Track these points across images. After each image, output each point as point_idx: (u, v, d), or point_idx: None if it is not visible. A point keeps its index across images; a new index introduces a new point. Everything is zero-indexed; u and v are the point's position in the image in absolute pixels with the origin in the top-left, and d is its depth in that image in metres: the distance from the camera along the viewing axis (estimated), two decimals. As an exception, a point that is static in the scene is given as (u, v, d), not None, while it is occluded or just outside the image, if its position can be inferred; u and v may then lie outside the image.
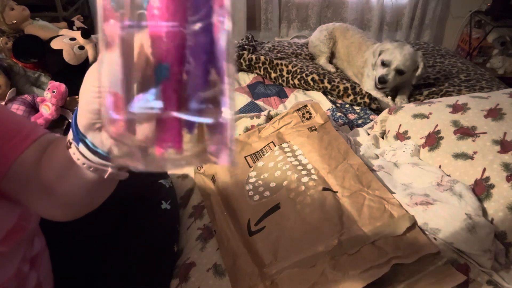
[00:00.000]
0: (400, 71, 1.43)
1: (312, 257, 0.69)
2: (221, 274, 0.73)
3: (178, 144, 0.26)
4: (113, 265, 0.72)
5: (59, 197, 0.44)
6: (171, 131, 0.26)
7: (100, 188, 0.43)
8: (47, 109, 1.29)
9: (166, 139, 0.26)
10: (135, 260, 0.72)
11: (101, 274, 0.71)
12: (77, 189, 0.41)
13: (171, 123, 0.25)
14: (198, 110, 0.25)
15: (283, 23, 2.75)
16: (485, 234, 0.71)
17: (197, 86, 0.25)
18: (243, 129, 1.12)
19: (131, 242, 0.74)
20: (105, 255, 0.72)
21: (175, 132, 0.26)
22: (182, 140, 0.26)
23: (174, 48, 0.24)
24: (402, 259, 0.66)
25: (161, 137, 0.26)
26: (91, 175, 0.38)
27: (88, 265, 0.72)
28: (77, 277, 0.70)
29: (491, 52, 2.69)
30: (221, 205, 0.86)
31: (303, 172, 0.86)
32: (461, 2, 2.72)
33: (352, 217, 0.75)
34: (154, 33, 0.25)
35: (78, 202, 0.45)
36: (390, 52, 1.44)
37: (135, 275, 0.71)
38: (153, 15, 0.24)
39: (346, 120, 1.33)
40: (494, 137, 0.86)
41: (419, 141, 0.98)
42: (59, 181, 0.42)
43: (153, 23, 0.24)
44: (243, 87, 1.61)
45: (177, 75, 0.25)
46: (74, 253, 0.70)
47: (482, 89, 1.49)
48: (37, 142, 0.46)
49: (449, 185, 0.82)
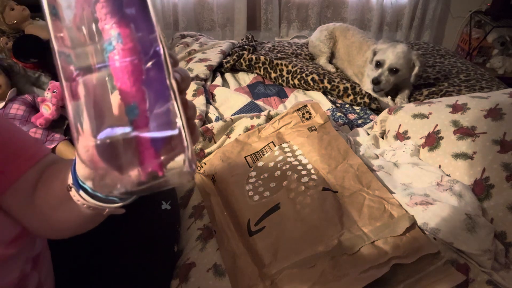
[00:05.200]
0: (394, 70, 1.43)
1: (312, 257, 0.69)
2: (221, 274, 0.73)
3: (159, 166, 0.27)
4: (113, 265, 0.72)
5: (52, 222, 0.44)
6: (147, 152, 0.27)
7: (96, 219, 0.44)
8: (47, 109, 1.29)
9: (146, 161, 0.27)
10: (135, 260, 0.72)
11: (101, 274, 0.71)
12: (71, 220, 0.42)
13: (146, 145, 0.27)
14: (157, 126, 0.26)
15: (283, 23, 2.75)
16: (485, 234, 0.71)
17: (154, 107, 0.27)
18: (243, 129, 1.12)
19: (131, 242, 0.74)
20: (105, 255, 0.72)
21: (151, 153, 0.27)
22: (160, 159, 0.27)
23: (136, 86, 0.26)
24: (402, 259, 0.66)
25: (141, 161, 0.27)
26: (89, 211, 0.38)
27: (88, 265, 0.72)
28: (78, 277, 0.70)
29: (491, 52, 2.69)
30: (221, 205, 0.86)
31: (303, 172, 0.86)
32: (461, 2, 2.72)
33: (352, 217, 0.75)
34: (115, 70, 0.26)
35: (72, 229, 0.45)
36: (383, 52, 1.45)
37: (135, 275, 0.71)
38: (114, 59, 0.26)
39: (346, 120, 1.33)
40: (494, 137, 0.86)
41: (419, 141, 0.98)
42: (54, 211, 0.42)
43: (115, 63, 0.26)
44: (243, 87, 1.61)
45: (145, 111, 0.26)
46: (75, 252, 0.70)
47: (482, 89, 1.49)
48: (40, 162, 0.46)
49: (449, 185, 0.82)
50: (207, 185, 0.94)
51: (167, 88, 0.27)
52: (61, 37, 0.26)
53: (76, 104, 0.27)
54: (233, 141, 1.04)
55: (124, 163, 0.27)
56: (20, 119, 1.27)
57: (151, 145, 0.27)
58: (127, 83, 0.26)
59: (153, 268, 0.73)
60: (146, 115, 0.26)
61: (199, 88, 1.42)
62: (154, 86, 0.26)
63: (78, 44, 0.26)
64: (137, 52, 0.26)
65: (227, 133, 1.13)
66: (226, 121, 1.14)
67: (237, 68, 1.76)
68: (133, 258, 0.72)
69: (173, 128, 0.27)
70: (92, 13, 0.26)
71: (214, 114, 1.29)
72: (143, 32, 0.26)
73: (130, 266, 0.71)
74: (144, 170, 0.27)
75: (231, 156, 0.98)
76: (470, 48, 2.65)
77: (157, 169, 0.27)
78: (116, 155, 0.27)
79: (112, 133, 0.26)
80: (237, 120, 1.16)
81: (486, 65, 2.68)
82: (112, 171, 0.27)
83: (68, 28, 0.26)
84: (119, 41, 0.26)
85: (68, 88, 0.27)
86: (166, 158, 0.27)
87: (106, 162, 0.27)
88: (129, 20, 0.26)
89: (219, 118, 1.25)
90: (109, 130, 0.26)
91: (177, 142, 0.27)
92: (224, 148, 1.03)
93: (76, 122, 0.27)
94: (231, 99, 1.40)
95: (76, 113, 0.27)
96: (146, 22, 0.26)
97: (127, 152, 0.26)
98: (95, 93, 0.27)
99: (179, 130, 0.27)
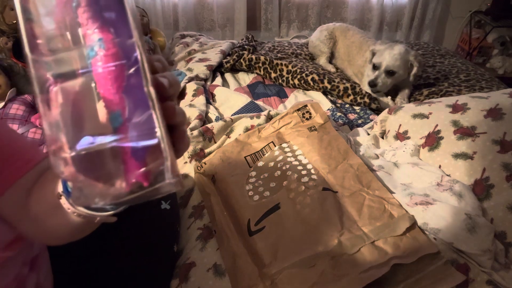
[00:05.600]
0: (391, 72, 1.43)
1: (312, 257, 0.69)
2: (221, 274, 0.73)
3: (143, 176, 0.26)
4: (113, 265, 0.72)
5: (47, 229, 0.44)
6: (131, 162, 0.26)
7: (89, 227, 0.44)
8: (47, 109, 1.29)
9: (130, 171, 0.26)
10: (135, 260, 0.72)
11: (100, 274, 0.71)
12: (64, 227, 0.41)
13: (129, 154, 0.26)
14: (137, 136, 0.26)
15: (283, 23, 2.75)
16: (485, 234, 0.71)
17: (133, 116, 0.26)
18: (243, 129, 1.12)
19: (131, 242, 0.74)
20: (105, 255, 0.72)
21: (135, 163, 0.26)
22: (144, 169, 0.26)
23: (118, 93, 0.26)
24: (402, 259, 0.66)
25: (125, 171, 0.26)
26: (79, 219, 0.38)
27: (88, 265, 0.72)
28: (77, 277, 0.70)
29: (491, 52, 2.69)
30: (221, 205, 0.86)
31: (303, 172, 0.86)
32: (461, 2, 2.72)
33: (352, 217, 0.75)
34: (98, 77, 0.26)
35: (66, 236, 0.45)
36: (380, 54, 1.45)
37: (135, 275, 0.71)
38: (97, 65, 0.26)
39: (346, 120, 1.33)
40: (494, 137, 0.86)
41: (419, 141, 0.98)
42: (48, 217, 0.42)
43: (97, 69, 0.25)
44: (243, 87, 1.61)
45: (129, 119, 0.26)
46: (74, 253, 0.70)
47: (482, 89, 1.49)
48: (36, 167, 0.46)
49: (449, 185, 0.82)
50: (207, 185, 0.94)
51: (146, 94, 0.26)
52: (38, 43, 0.25)
53: (52, 114, 0.26)
54: (233, 141, 1.04)
55: (107, 173, 0.26)
56: (20, 119, 1.27)
57: (133, 154, 0.26)
58: (110, 90, 0.25)
59: (153, 268, 0.73)
60: (129, 124, 0.25)
61: (199, 88, 1.42)
62: (134, 94, 0.26)
63: (58, 49, 0.25)
64: (120, 58, 0.25)
65: (227, 133, 1.13)
66: (226, 121, 1.14)
67: (237, 68, 1.75)
68: (133, 258, 0.72)
69: (153, 137, 0.26)
70: (74, 17, 0.25)
71: (214, 114, 1.29)
72: (123, 38, 0.26)
73: (129, 266, 0.71)
74: (127, 180, 0.26)
75: (231, 156, 0.98)
76: (470, 48, 2.65)
77: (141, 180, 0.26)
78: (98, 165, 0.26)
79: (94, 142, 0.25)
80: (237, 120, 1.16)
81: (486, 65, 2.68)
82: (93, 183, 0.26)
83: (47, 34, 0.25)
84: (102, 47, 0.25)
85: (45, 97, 0.26)
86: (151, 168, 0.26)
87: (87, 173, 0.26)
88: (109, 24, 0.25)
89: (219, 118, 1.25)
90: (90, 139, 0.25)
91: (157, 152, 0.26)
92: (224, 148, 1.03)
93: (53, 134, 0.25)
94: (231, 99, 1.40)
95: (53, 124, 0.26)
96: (125, 27, 0.26)
97: (111, 162, 0.26)
98: (76, 101, 0.26)
99: (158, 140, 0.26)
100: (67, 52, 0.25)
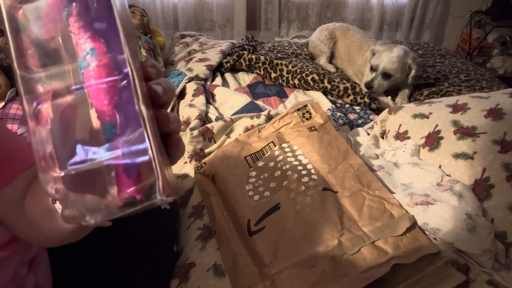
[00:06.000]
0: (387, 75, 1.43)
1: (312, 257, 0.69)
2: (221, 274, 0.73)
3: (137, 190, 0.26)
4: (113, 265, 0.72)
5: (42, 231, 0.44)
6: (122, 179, 0.26)
7: (85, 230, 0.44)
8: (47, 109, 1.29)
9: (121, 189, 0.26)
10: (135, 260, 0.72)
11: (100, 274, 0.71)
12: (60, 230, 0.41)
13: (121, 168, 0.26)
14: (129, 154, 0.25)
15: (283, 23, 2.75)
16: (485, 234, 0.71)
17: (125, 132, 0.26)
18: (243, 129, 1.11)
19: (131, 242, 0.74)
20: (104, 255, 0.72)
21: (125, 181, 0.26)
22: (137, 183, 0.26)
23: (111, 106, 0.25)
24: (402, 259, 0.66)
25: (118, 184, 0.26)
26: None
27: (87, 265, 0.72)
28: (76, 278, 0.70)
29: (491, 52, 2.69)
30: (221, 205, 0.86)
31: (303, 172, 0.86)
32: (461, 2, 2.72)
33: (352, 217, 0.75)
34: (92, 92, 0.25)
35: (62, 239, 0.45)
36: (378, 55, 1.45)
37: (134, 275, 0.71)
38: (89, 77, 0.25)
39: (346, 120, 1.33)
40: (494, 137, 0.86)
41: (419, 141, 0.98)
42: (43, 219, 0.42)
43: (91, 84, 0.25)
44: (243, 87, 1.61)
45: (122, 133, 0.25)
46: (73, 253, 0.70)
47: (482, 89, 1.49)
48: (32, 167, 0.46)
49: (449, 185, 0.82)
50: (207, 185, 0.94)
51: (137, 112, 0.25)
52: (27, 54, 0.25)
53: (41, 130, 0.25)
54: (233, 141, 1.04)
55: (98, 191, 0.25)
56: (20, 119, 1.27)
57: (125, 172, 0.25)
58: (103, 101, 0.25)
59: (153, 268, 0.73)
60: (120, 139, 0.25)
61: (199, 88, 1.42)
62: (126, 108, 0.25)
63: (49, 62, 0.25)
64: (112, 70, 0.25)
65: (227, 133, 1.13)
66: (226, 121, 1.14)
67: (237, 68, 1.75)
68: (133, 258, 0.72)
69: (145, 155, 0.25)
70: (65, 26, 0.25)
71: (214, 114, 1.29)
72: (114, 50, 0.25)
73: (129, 266, 0.71)
74: (119, 197, 0.26)
75: (231, 156, 0.98)
76: (470, 48, 2.65)
77: (135, 194, 0.26)
78: (89, 183, 0.25)
79: (85, 160, 0.25)
80: (237, 120, 1.16)
81: (486, 65, 2.68)
82: (84, 200, 0.26)
83: (37, 45, 0.25)
84: (94, 57, 0.25)
85: (34, 112, 0.25)
86: (143, 185, 0.26)
87: (77, 191, 0.25)
88: (100, 35, 0.25)
89: (219, 118, 1.25)
90: (82, 153, 0.25)
91: (149, 170, 0.26)
92: (224, 148, 1.02)
93: (42, 151, 0.25)
94: (231, 99, 1.40)
95: (43, 140, 0.25)
96: (115, 39, 0.25)
97: (102, 180, 0.25)
98: (67, 114, 0.25)
99: (150, 157, 0.25)
100: (58, 64, 0.25)
